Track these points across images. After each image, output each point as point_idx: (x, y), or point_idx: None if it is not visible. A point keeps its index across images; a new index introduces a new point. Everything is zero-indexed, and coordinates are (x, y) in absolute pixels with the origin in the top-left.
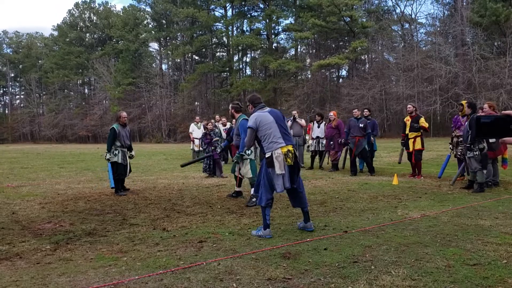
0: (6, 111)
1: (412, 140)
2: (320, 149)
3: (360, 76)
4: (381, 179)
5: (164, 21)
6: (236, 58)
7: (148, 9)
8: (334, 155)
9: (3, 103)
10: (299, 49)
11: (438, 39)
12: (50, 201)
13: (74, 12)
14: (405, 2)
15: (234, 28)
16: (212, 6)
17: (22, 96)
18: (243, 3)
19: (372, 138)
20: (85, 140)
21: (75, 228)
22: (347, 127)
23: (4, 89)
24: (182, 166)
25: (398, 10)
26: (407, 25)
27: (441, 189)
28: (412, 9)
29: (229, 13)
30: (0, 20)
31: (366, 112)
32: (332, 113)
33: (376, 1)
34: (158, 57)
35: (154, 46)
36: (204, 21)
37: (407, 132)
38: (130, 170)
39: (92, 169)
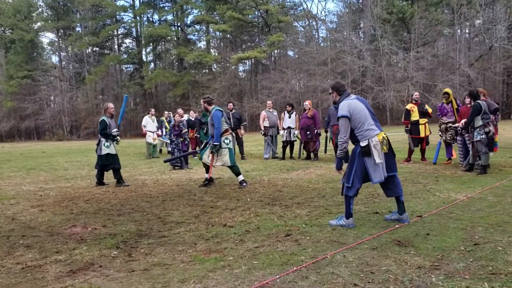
0: None
1: (423, 126)
2: (291, 139)
3: (277, 69)
4: None
5: (61, 10)
6: (146, 50)
7: None
8: (313, 145)
9: None
10: (213, 42)
11: (350, 34)
12: (42, 204)
13: None
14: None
15: (143, 18)
16: None
17: None
18: None
19: None
20: None
21: (114, 230)
22: (327, 116)
23: None
24: (165, 161)
25: (305, 6)
26: (314, 22)
27: (445, 172)
28: (317, 6)
29: (137, 3)
30: None
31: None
32: (307, 103)
33: None
34: (57, 48)
35: (51, 36)
36: (111, 11)
37: (416, 118)
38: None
39: (38, 168)
